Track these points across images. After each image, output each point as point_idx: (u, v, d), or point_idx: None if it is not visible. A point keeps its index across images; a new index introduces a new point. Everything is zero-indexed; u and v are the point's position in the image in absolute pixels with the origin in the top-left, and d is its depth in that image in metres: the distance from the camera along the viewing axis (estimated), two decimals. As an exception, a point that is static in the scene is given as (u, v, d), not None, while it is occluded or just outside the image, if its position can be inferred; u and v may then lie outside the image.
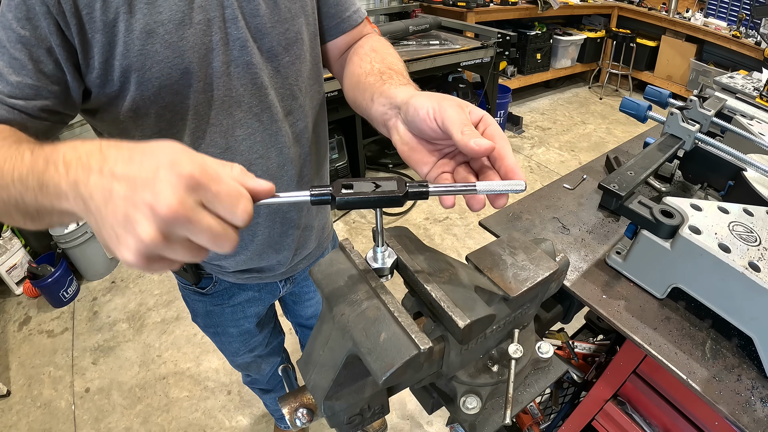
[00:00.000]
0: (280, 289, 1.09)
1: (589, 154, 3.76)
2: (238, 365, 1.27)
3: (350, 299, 0.42)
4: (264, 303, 1.09)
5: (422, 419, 1.83)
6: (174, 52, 0.63)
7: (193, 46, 0.64)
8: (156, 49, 0.61)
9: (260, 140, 0.77)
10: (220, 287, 1.00)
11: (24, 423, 1.82)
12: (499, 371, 0.54)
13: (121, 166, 0.35)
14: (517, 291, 0.48)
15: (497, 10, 3.86)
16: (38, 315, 2.32)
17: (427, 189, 0.41)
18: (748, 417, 0.60)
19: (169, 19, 0.61)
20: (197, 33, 0.64)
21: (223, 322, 1.07)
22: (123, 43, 0.60)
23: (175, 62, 0.64)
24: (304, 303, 1.25)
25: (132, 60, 0.61)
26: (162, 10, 0.60)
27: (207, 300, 1.02)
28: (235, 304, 1.04)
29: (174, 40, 0.62)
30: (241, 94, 0.72)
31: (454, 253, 2.66)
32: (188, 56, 0.64)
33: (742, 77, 1.75)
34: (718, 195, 1.01)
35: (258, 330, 1.15)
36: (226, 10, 0.66)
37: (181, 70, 0.65)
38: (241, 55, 0.69)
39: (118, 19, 0.58)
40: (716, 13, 4.16)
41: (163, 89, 0.65)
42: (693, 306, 0.75)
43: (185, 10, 0.62)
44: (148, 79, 0.63)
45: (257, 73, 0.72)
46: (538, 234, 0.93)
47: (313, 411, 0.47)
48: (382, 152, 3.55)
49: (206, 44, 0.66)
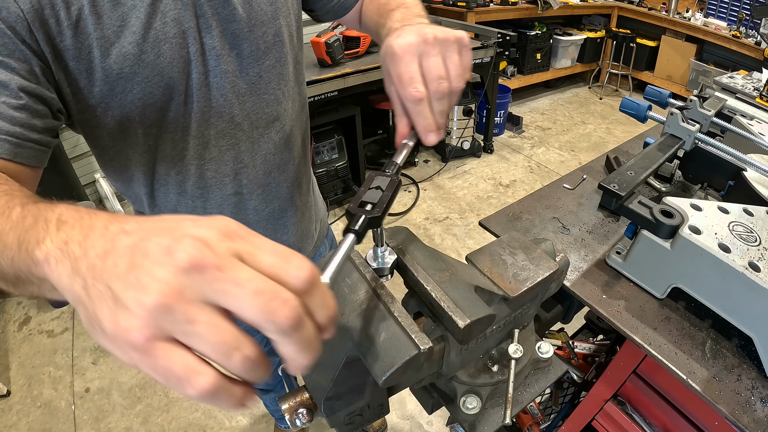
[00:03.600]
0: None
1: (589, 154, 3.76)
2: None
3: (350, 299, 0.42)
4: None
5: (422, 419, 1.83)
6: (153, 71, 0.62)
7: (171, 61, 0.63)
8: (134, 70, 0.60)
9: (245, 149, 0.76)
10: None
11: (24, 423, 1.82)
12: (499, 371, 0.54)
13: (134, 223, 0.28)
14: (517, 291, 0.48)
15: (497, 10, 3.85)
16: (38, 315, 2.32)
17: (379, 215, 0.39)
18: (748, 417, 0.60)
19: (143, 39, 0.60)
20: (173, 47, 0.63)
21: None
22: (101, 69, 0.58)
23: (155, 80, 0.63)
24: None
25: (112, 84, 0.60)
26: (135, 30, 0.59)
27: None
28: None
29: (151, 58, 0.61)
30: (221, 104, 0.71)
31: (454, 253, 2.66)
32: (167, 72, 0.63)
33: (742, 77, 1.75)
34: (718, 195, 1.01)
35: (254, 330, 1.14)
36: (200, 19, 0.64)
37: (162, 87, 0.64)
38: (217, 64, 0.68)
39: (92, 45, 0.57)
40: (716, 13, 4.15)
41: (147, 108, 0.64)
42: (693, 306, 0.75)
43: (158, 26, 0.61)
44: (131, 100, 0.62)
45: (235, 81, 0.71)
46: (538, 234, 0.93)
47: (313, 411, 0.47)
48: (382, 152, 3.55)
49: (183, 57, 0.64)
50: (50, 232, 0.30)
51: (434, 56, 0.50)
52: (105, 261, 0.26)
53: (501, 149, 3.82)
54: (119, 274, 0.25)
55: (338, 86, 2.47)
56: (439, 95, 0.50)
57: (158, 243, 0.25)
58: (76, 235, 0.29)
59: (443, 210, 3.05)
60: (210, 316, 0.25)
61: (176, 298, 0.24)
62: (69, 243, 0.28)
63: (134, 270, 0.25)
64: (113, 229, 0.27)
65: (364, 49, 2.68)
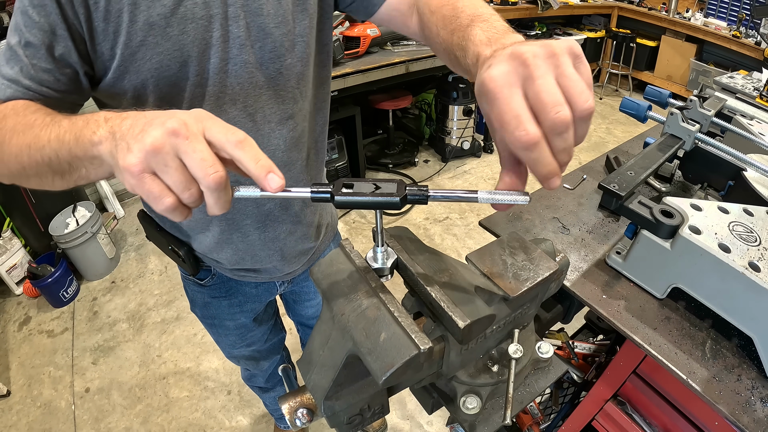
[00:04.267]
0: (278, 288, 1.09)
1: (589, 154, 3.76)
2: (234, 357, 1.27)
3: (350, 299, 0.42)
4: (261, 300, 1.09)
5: (422, 419, 1.83)
6: (174, 45, 0.64)
7: (193, 40, 0.65)
8: (157, 41, 0.62)
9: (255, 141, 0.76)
10: (218, 280, 1.01)
11: (24, 423, 1.83)
12: (499, 371, 0.54)
13: (152, 114, 0.41)
14: (517, 291, 0.48)
15: (497, 10, 3.84)
16: (38, 315, 2.32)
17: (427, 194, 0.40)
18: (748, 417, 0.60)
19: (171, 13, 0.62)
20: (198, 28, 0.65)
21: (220, 315, 1.08)
22: (126, 33, 0.61)
23: (174, 55, 0.64)
24: (305, 303, 1.25)
25: (134, 49, 0.62)
26: (166, 3, 0.61)
27: (205, 291, 1.03)
28: (232, 299, 1.05)
29: (175, 33, 0.63)
30: (236, 93, 0.72)
31: (454, 253, 2.66)
32: (187, 50, 0.65)
33: (742, 77, 1.75)
34: (718, 195, 1.01)
35: (255, 325, 1.15)
36: (230, 7, 0.66)
37: (179, 63, 0.65)
38: (239, 53, 0.69)
39: (123, 10, 0.60)
40: (716, 13, 4.15)
41: (161, 80, 0.66)
42: (693, 306, 0.75)
43: (188, 4, 0.63)
44: (148, 69, 0.64)
45: (254, 72, 0.72)
46: (538, 234, 0.93)
47: (313, 411, 0.47)
48: (382, 152, 3.55)
49: (206, 40, 0.66)
50: (101, 125, 0.44)
51: (541, 78, 0.37)
52: (130, 130, 0.40)
53: (501, 149, 3.81)
54: (134, 135, 0.39)
55: (338, 86, 2.47)
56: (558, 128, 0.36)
57: (160, 119, 0.39)
58: (117, 123, 0.42)
59: (443, 210, 3.05)
60: (177, 164, 0.38)
61: (160, 148, 0.37)
62: (113, 128, 0.42)
63: (141, 132, 0.39)
64: (139, 116, 0.41)
65: (364, 49, 2.69)
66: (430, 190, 0.41)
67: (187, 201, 0.39)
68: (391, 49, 2.89)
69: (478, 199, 0.41)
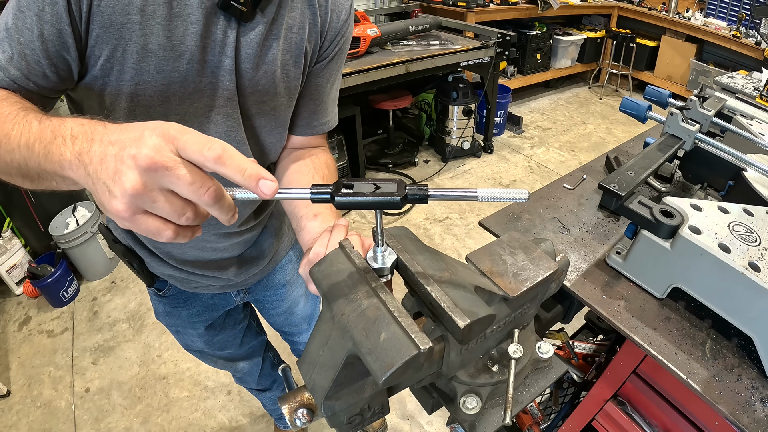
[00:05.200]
0: (234, 299, 1.10)
1: (589, 154, 3.76)
2: (212, 363, 1.27)
3: (350, 299, 0.42)
4: (219, 309, 1.10)
5: (422, 419, 1.83)
6: (163, 78, 0.63)
7: (183, 80, 0.65)
8: (149, 69, 0.62)
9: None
10: (175, 290, 1.02)
11: (24, 423, 1.82)
12: (499, 371, 0.54)
13: (117, 134, 0.39)
14: (517, 291, 0.48)
15: (497, 10, 3.85)
16: (38, 315, 2.32)
17: (427, 194, 0.41)
18: (748, 417, 0.60)
19: (171, 46, 0.61)
20: (191, 71, 0.65)
21: (182, 324, 1.09)
22: (122, 49, 0.60)
23: (160, 88, 0.64)
24: (269, 311, 1.22)
25: (124, 67, 0.61)
26: (170, 35, 0.61)
27: (165, 301, 1.04)
28: (190, 308, 1.06)
29: (167, 68, 0.63)
30: (219, 128, 0.73)
31: (454, 253, 2.66)
32: (174, 87, 0.65)
33: (742, 77, 1.75)
34: (718, 195, 1.01)
35: (218, 331, 1.15)
36: (226, 59, 0.67)
37: (162, 98, 0.65)
38: (225, 105, 0.70)
39: (125, 25, 0.59)
40: (716, 13, 4.15)
41: (138, 107, 0.65)
42: (693, 306, 0.75)
43: (189, 44, 0.63)
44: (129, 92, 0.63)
45: (234, 126, 0.73)
46: (538, 234, 0.93)
47: (313, 411, 0.47)
48: (382, 152, 3.55)
49: (195, 84, 0.66)
50: (68, 145, 0.42)
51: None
52: (102, 165, 0.38)
53: (501, 149, 3.82)
54: (109, 176, 0.38)
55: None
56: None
57: (129, 151, 0.37)
58: (84, 147, 0.41)
59: (443, 210, 3.05)
60: (164, 196, 0.38)
61: (141, 190, 0.37)
62: (81, 154, 0.41)
63: (117, 173, 0.37)
64: (105, 141, 0.39)
65: (364, 49, 2.69)
66: (430, 190, 0.41)
67: (187, 223, 0.39)
68: (391, 49, 2.89)
69: (478, 197, 0.41)
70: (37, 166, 0.46)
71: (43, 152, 0.44)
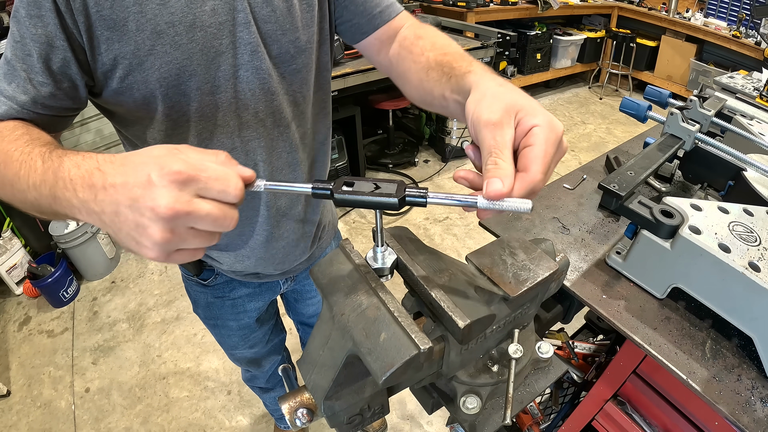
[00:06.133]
0: (281, 286, 1.10)
1: (589, 154, 3.76)
2: (237, 359, 1.27)
3: (350, 299, 0.42)
4: (264, 299, 1.09)
5: (422, 419, 1.83)
6: (183, 54, 0.63)
7: (202, 48, 0.64)
8: (165, 50, 0.62)
9: (265, 144, 0.77)
10: (221, 280, 1.01)
11: (24, 423, 1.83)
12: (499, 371, 0.54)
13: (117, 176, 0.39)
14: (517, 291, 0.48)
15: (497, 10, 3.85)
16: (38, 315, 2.32)
17: (425, 198, 0.40)
18: (748, 417, 0.60)
19: (179, 21, 0.61)
20: (207, 36, 0.64)
21: (223, 315, 1.08)
22: (134, 42, 0.60)
23: (183, 64, 0.64)
24: (306, 301, 1.25)
25: (141, 59, 0.61)
26: (173, 11, 0.61)
27: (208, 291, 1.03)
28: (235, 298, 1.05)
29: (183, 42, 0.62)
30: (248, 98, 0.72)
31: (454, 253, 2.66)
32: (196, 59, 0.64)
33: (742, 77, 1.75)
34: (718, 195, 1.01)
35: (257, 326, 1.15)
36: (239, 14, 0.66)
37: (188, 72, 0.65)
38: (251, 59, 0.69)
39: (128, 18, 0.59)
40: (716, 13, 4.15)
41: (170, 89, 0.65)
42: (693, 306, 0.75)
43: (196, 12, 0.62)
44: (156, 78, 0.63)
45: (266, 78, 0.72)
46: (538, 234, 0.93)
47: (313, 411, 0.47)
48: (382, 152, 3.55)
49: (215, 47, 0.66)
50: (70, 191, 0.42)
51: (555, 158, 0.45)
52: (118, 218, 0.39)
53: (501, 149, 3.81)
54: (132, 227, 0.38)
55: (338, 86, 2.47)
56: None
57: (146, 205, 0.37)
58: (88, 196, 0.41)
59: (443, 210, 3.05)
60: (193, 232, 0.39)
61: (171, 236, 0.38)
62: (87, 202, 0.41)
63: (140, 226, 0.38)
64: (108, 187, 0.39)
65: (364, 49, 2.68)
66: (430, 193, 0.40)
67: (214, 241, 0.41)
68: (391, 49, 2.89)
69: (479, 205, 0.40)
70: (49, 207, 0.46)
71: (51, 195, 0.45)
